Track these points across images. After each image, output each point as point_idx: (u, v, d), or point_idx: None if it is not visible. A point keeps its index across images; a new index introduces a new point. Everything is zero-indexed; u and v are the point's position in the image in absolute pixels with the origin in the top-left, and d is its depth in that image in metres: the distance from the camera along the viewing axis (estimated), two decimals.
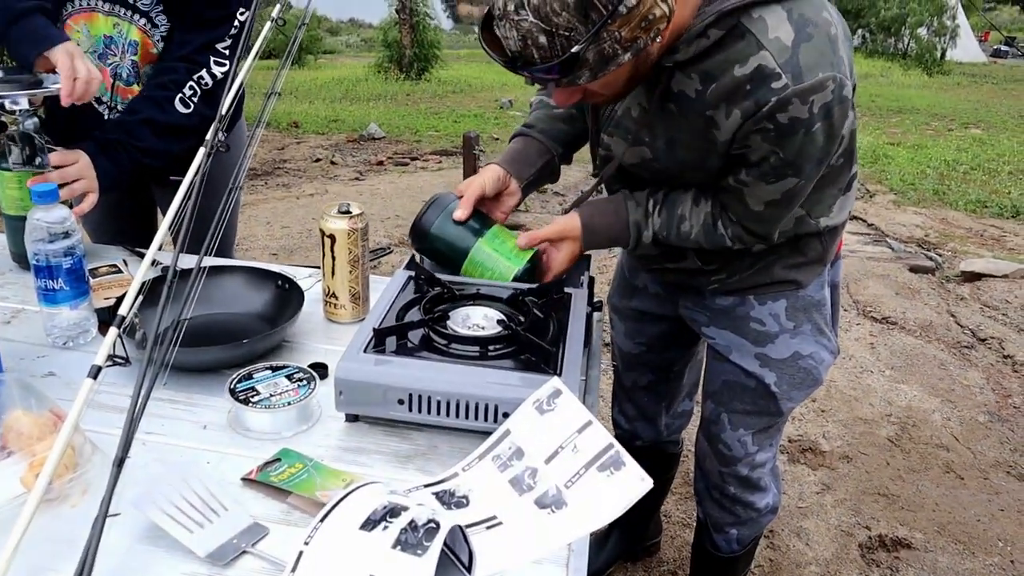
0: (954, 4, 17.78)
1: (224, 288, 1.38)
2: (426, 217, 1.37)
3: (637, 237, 1.35)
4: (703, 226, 1.30)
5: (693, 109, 1.18)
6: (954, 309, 3.97)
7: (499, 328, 1.14)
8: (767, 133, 1.12)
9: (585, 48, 0.99)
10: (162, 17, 1.66)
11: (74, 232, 1.26)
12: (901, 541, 2.28)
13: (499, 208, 1.44)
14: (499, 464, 1.00)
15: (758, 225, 1.27)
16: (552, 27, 0.98)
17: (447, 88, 12.33)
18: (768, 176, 1.18)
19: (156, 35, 1.67)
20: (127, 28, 1.66)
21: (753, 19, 1.09)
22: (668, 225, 1.33)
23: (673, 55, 1.14)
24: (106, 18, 1.64)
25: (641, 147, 1.29)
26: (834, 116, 1.12)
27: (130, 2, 1.63)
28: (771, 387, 1.48)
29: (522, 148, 1.48)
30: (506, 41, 1.04)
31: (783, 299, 1.44)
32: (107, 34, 1.66)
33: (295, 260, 4.33)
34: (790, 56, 1.08)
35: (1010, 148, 8.31)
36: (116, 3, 1.63)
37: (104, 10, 1.63)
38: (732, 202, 1.27)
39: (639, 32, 1.01)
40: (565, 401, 1.00)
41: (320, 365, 1.22)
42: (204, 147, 1.13)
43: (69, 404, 0.86)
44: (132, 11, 1.64)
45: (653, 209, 1.34)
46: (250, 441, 1.07)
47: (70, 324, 1.28)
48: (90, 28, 1.65)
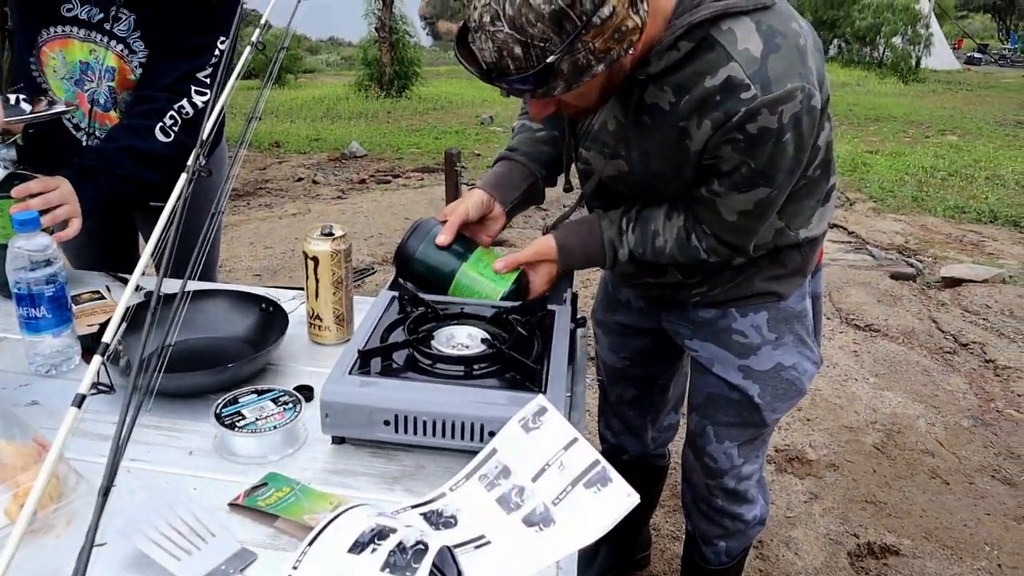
0: (927, 13, 18.05)
1: (208, 312, 1.38)
2: (409, 243, 1.37)
3: (613, 256, 1.37)
4: (677, 240, 1.32)
5: (667, 121, 1.20)
6: (935, 315, 4.01)
7: (483, 347, 1.15)
8: (737, 143, 1.14)
9: (560, 59, 1.01)
10: (140, 43, 1.66)
11: (56, 260, 1.26)
12: (889, 548, 2.29)
13: (483, 232, 1.45)
14: (486, 483, 1.00)
15: (732, 236, 1.28)
16: (527, 38, 1.00)
17: (428, 105, 12.37)
18: (740, 186, 1.19)
19: (134, 61, 1.67)
20: (104, 54, 1.66)
21: (722, 31, 1.11)
22: (643, 241, 1.34)
23: (645, 67, 1.16)
24: (82, 44, 1.65)
25: (618, 160, 1.31)
26: (803, 126, 1.13)
27: (106, 28, 1.63)
28: (754, 399, 1.49)
29: (506, 172, 1.49)
30: (481, 53, 1.05)
31: (764, 311, 1.45)
32: (83, 60, 1.66)
33: (279, 280, 4.31)
34: (759, 67, 1.10)
35: (986, 154, 8.43)
36: (92, 29, 1.63)
37: (80, 36, 1.64)
38: (705, 213, 1.28)
39: (612, 43, 1.03)
40: (550, 418, 1.00)
41: (306, 387, 1.22)
42: (185, 172, 1.13)
43: (53, 433, 0.85)
44: (109, 37, 1.64)
45: (627, 227, 1.35)
46: (236, 466, 1.07)
47: (53, 352, 1.27)
48: (66, 55, 1.65)
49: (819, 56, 1.18)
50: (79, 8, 1.62)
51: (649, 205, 1.35)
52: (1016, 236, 5.59)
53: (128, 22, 1.63)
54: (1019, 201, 6.45)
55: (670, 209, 1.33)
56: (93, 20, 1.62)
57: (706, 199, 1.25)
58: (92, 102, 1.70)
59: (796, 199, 1.34)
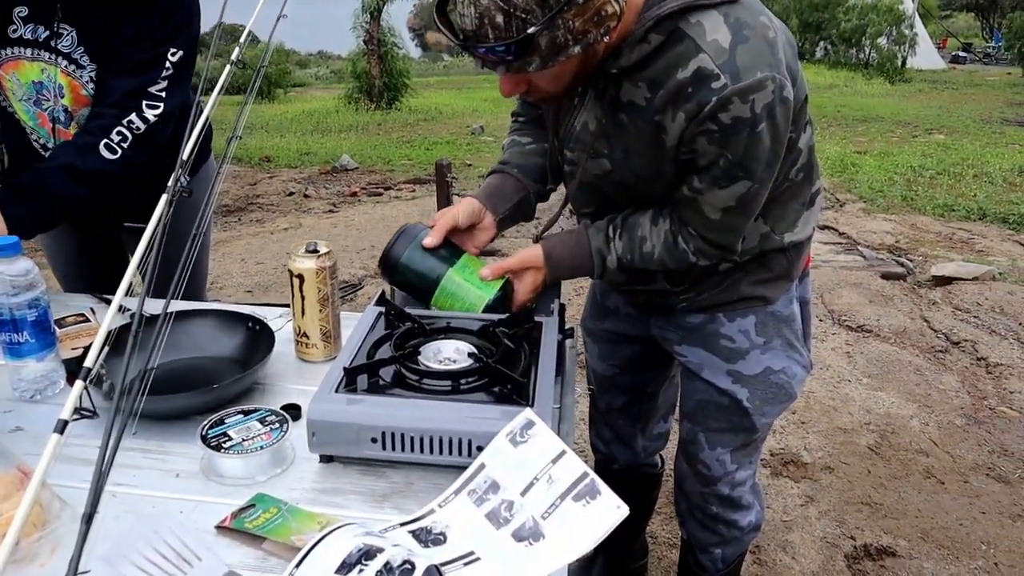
0: (911, 13, 18.18)
1: (193, 332, 1.37)
2: (395, 248, 1.37)
3: (601, 264, 1.37)
4: (664, 244, 1.32)
5: (643, 117, 1.20)
6: (927, 314, 4.02)
7: (470, 361, 1.14)
8: (712, 134, 1.14)
9: (539, 32, 1.02)
10: (86, 58, 1.64)
11: (38, 283, 1.25)
12: (886, 549, 2.29)
13: (472, 242, 1.44)
14: (475, 498, 0.99)
15: (718, 235, 1.28)
16: (510, 7, 1.01)
17: (418, 116, 12.38)
18: (720, 180, 1.19)
19: (83, 76, 1.65)
20: (53, 72, 1.64)
21: (691, 24, 1.13)
22: (630, 248, 1.34)
23: (617, 60, 1.17)
24: (31, 64, 1.63)
25: (600, 159, 1.31)
26: (777, 116, 1.14)
27: (52, 45, 1.62)
28: (743, 403, 1.49)
29: (498, 183, 1.50)
30: (462, 19, 1.06)
31: (752, 315, 1.45)
32: (36, 80, 1.65)
33: (270, 296, 4.30)
34: (728, 57, 1.10)
35: (973, 152, 8.47)
36: (39, 48, 1.62)
37: (28, 56, 1.63)
38: (689, 214, 1.28)
39: (591, 26, 1.04)
40: (538, 432, 1.00)
41: (293, 406, 1.21)
42: (167, 193, 1.13)
43: (37, 459, 0.84)
44: (55, 54, 1.63)
45: (614, 234, 1.35)
46: (224, 488, 1.06)
47: (37, 377, 1.26)
48: (19, 76, 1.65)
49: (791, 51, 1.19)
50: (23, 28, 1.60)
51: (635, 212, 1.35)
52: (1005, 233, 5.62)
53: (71, 37, 1.61)
54: (1007, 198, 6.48)
55: (656, 214, 1.33)
56: (39, 39, 1.61)
57: (689, 199, 1.25)
58: (53, 120, 1.70)
59: (780, 202, 1.35)
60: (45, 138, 1.72)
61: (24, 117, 1.71)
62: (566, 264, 1.39)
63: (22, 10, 1.59)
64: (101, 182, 1.61)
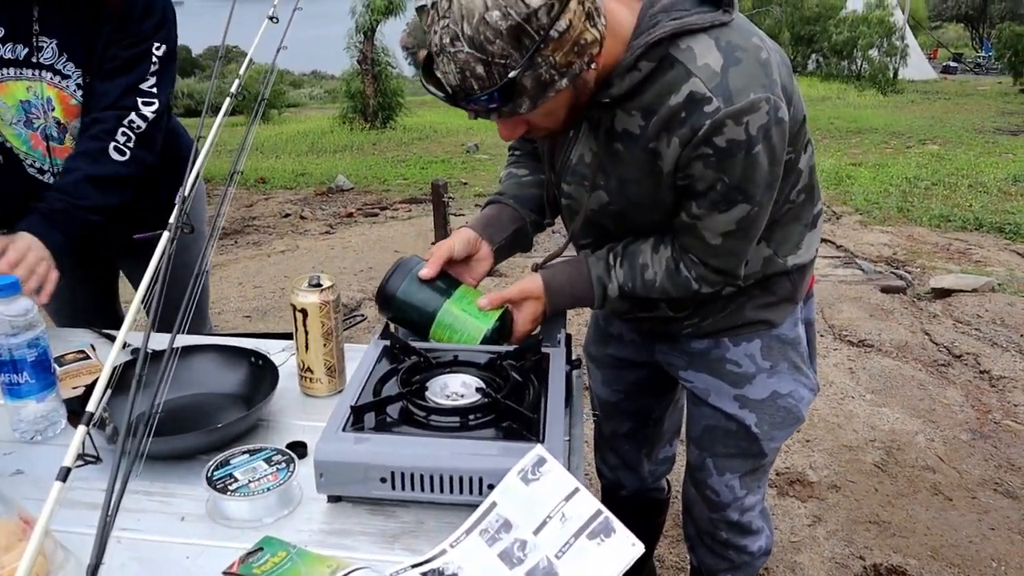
0: (902, 25, 18.29)
1: (195, 369, 1.35)
2: (391, 282, 1.36)
3: (602, 293, 1.35)
4: (666, 271, 1.30)
5: (638, 145, 1.20)
6: (928, 327, 4.01)
7: (478, 396, 1.13)
8: (708, 159, 1.13)
9: (521, 74, 1.02)
10: (70, 66, 1.63)
11: (38, 323, 1.23)
12: (896, 569, 2.27)
13: (469, 273, 1.43)
14: (487, 538, 0.97)
15: (720, 261, 1.27)
16: (488, 56, 1.00)
17: (413, 135, 12.40)
18: (719, 204, 1.18)
19: (70, 86, 1.64)
20: (39, 87, 1.63)
21: (681, 49, 1.12)
22: (632, 276, 1.33)
23: (609, 89, 1.16)
24: (16, 83, 1.62)
25: (598, 191, 1.30)
26: (773, 138, 1.13)
27: (34, 61, 1.61)
28: (752, 428, 1.47)
29: (494, 213, 1.48)
30: (446, 76, 1.06)
31: (757, 339, 1.44)
32: (23, 99, 1.63)
33: (269, 321, 4.28)
34: (720, 80, 1.10)
35: (967, 162, 8.50)
36: (21, 66, 1.61)
37: (12, 76, 1.61)
38: (690, 240, 1.27)
39: (573, 57, 1.04)
40: (550, 469, 0.98)
41: (299, 444, 1.19)
42: (168, 230, 1.11)
43: (39, 504, 0.82)
44: (38, 68, 1.61)
45: (614, 262, 1.34)
46: (230, 531, 1.04)
47: (37, 417, 1.24)
48: (5, 98, 1.63)
49: (786, 71, 1.19)
50: (2, 49, 1.59)
51: (636, 240, 1.34)
52: (1002, 242, 5.62)
53: (51, 48, 1.60)
54: (1003, 207, 6.50)
55: (656, 242, 1.32)
56: (20, 57, 1.60)
57: (688, 225, 1.24)
58: (47, 138, 1.68)
59: (782, 224, 1.34)
60: (40, 160, 1.70)
61: (16, 143, 1.69)
62: (566, 293, 1.38)
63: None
64: (120, 185, 1.64)
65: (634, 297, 1.35)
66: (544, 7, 0.98)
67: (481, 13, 0.98)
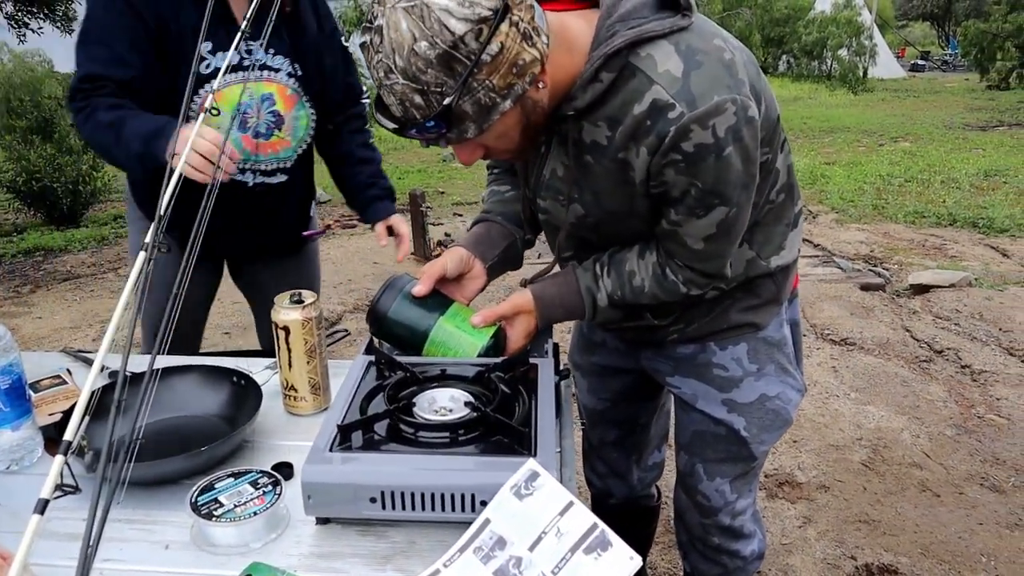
0: (869, 24, 18.54)
1: (176, 390, 1.32)
2: (382, 301, 1.33)
3: (592, 303, 1.34)
4: (653, 276, 1.29)
5: (607, 156, 1.18)
6: (908, 324, 4.04)
7: (467, 410, 1.11)
8: (677, 164, 1.12)
9: (458, 99, 1.00)
10: (278, 59, 1.76)
11: (12, 348, 1.19)
12: (887, 568, 2.26)
13: (461, 292, 1.41)
14: (481, 556, 0.95)
15: (705, 264, 1.26)
16: (422, 85, 1.00)
17: (389, 146, 12.32)
18: (696, 210, 1.17)
19: (282, 77, 1.77)
20: (255, 87, 1.74)
21: (641, 57, 1.11)
22: (619, 284, 1.31)
23: (572, 102, 1.15)
24: (229, 90, 1.69)
25: (574, 205, 1.28)
26: (744, 138, 1.12)
27: (245, 64, 1.71)
28: (740, 432, 1.46)
29: (484, 231, 1.47)
30: (390, 108, 1.06)
31: (743, 342, 1.43)
32: (240, 102, 1.71)
33: (249, 337, 4.22)
34: (682, 85, 1.08)
35: (939, 158, 8.61)
36: (234, 71, 1.68)
37: (223, 84, 1.64)
38: (673, 246, 1.25)
39: (513, 78, 1.02)
40: (544, 483, 0.97)
41: (285, 464, 1.17)
42: (144, 250, 1.09)
43: (15, 537, 0.79)
44: (249, 69, 1.72)
45: (601, 271, 1.33)
46: (217, 558, 1.01)
47: (13, 446, 1.21)
48: (223, 105, 1.65)
49: (754, 70, 1.17)
50: (214, 60, 1.67)
51: (621, 248, 1.33)
52: (976, 237, 5.69)
53: (259, 49, 1.71)
54: (976, 202, 6.57)
55: (642, 248, 1.31)
56: (233, 63, 1.64)
57: (669, 232, 1.23)
58: (256, 135, 1.78)
59: (764, 224, 1.33)
60: (245, 158, 1.79)
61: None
62: (557, 305, 1.36)
63: (206, 45, 1.64)
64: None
65: (624, 305, 1.34)
66: (471, 32, 0.97)
67: (410, 45, 0.97)
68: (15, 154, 6.89)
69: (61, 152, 7.05)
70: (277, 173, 1.87)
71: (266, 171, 1.84)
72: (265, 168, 1.84)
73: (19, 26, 9.27)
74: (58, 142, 7.19)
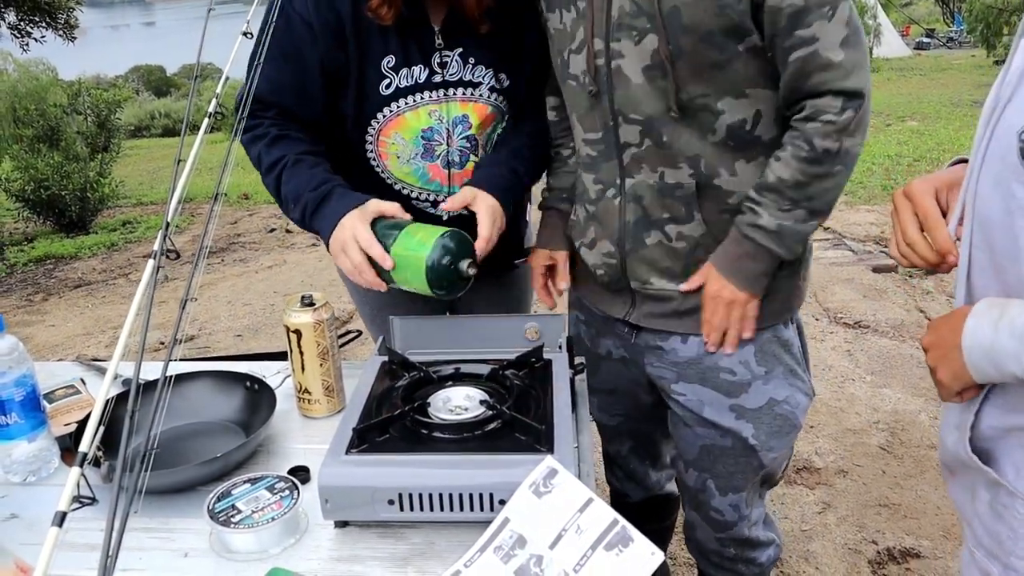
0: (873, 3, 18.39)
1: (190, 397, 1.32)
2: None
3: (767, 233, 1.27)
4: (801, 157, 1.21)
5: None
6: (922, 304, 4.01)
7: (482, 409, 1.10)
8: None
9: None
10: (479, 70, 1.43)
11: (25, 360, 1.19)
12: (909, 551, 2.25)
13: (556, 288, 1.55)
14: (502, 555, 0.95)
15: (855, 78, 1.17)
16: None
17: None
18: (823, 8, 1.12)
19: (483, 93, 1.45)
20: (444, 109, 1.44)
21: None
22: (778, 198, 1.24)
23: None
24: (415, 113, 1.43)
25: (649, 35, 1.19)
26: None
27: (436, 81, 1.41)
28: (749, 440, 1.41)
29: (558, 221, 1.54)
30: None
31: (751, 344, 1.37)
32: (424, 128, 1.44)
33: (261, 339, 4.24)
34: None
35: (947, 136, 8.52)
36: (420, 91, 1.41)
37: (410, 106, 1.42)
38: (819, 77, 1.16)
39: None
40: (562, 480, 0.96)
41: (301, 468, 1.16)
42: (152, 258, 1.08)
43: (34, 549, 0.79)
44: (443, 88, 1.42)
45: (754, 203, 1.26)
46: (236, 564, 1.00)
47: (29, 457, 1.21)
48: (403, 134, 1.45)
49: None
50: (397, 78, 1.40)
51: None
52: None
53: (455, 60, 1.42)
54: None
55: (766, 154, 1.25)
56: (419, 81, 1.41)
57: (806, 58, 1.15)
58: (448, 165, 1.49)
59: None
60: (436, 191, 1.52)
61: (410, 180, 1.51)
62: (735, 257, 1.29)
63: (389, 60, 1.39)
64: None
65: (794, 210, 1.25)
66: None
67: None
68: (23, 163, 6.92)
69: (68, 159, 7.08)
70: None
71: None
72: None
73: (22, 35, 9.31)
74: (65, 150, 7.21)
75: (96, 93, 8.31)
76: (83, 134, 7.72)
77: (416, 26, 1.37)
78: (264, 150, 1.43)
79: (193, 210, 7.39)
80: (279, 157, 1.40)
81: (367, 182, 1.50)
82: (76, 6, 9.67)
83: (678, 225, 1.32)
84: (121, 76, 22.34)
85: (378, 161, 1.49)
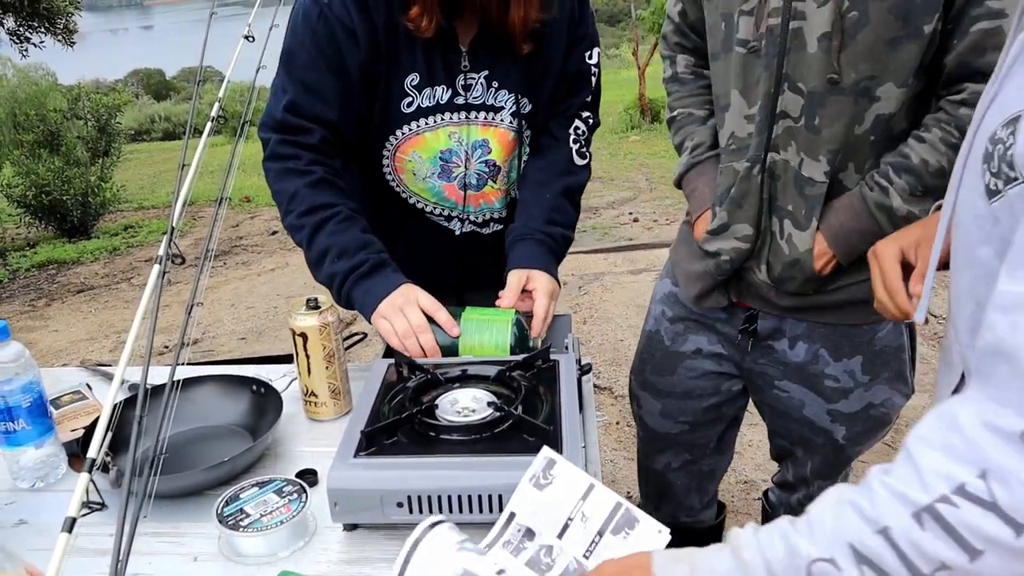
0: None
1: (196, 401, 1.31)
2: None
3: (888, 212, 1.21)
4: (949, 144, 1.14)
5: None
6: None
7: (490, 410, 1.10)
8: None
9: None
10: (502, 94, 1.41)
11: (31, 366, 1.19)
12: None
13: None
14: (511, 549, 0.94)
15: None
16: None
17: None
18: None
19: (504, 119, 1.43)
20: (465, 132, 1.42)
21: None
22: (913, 180, 1.18)
23: None
24: (435, 133, 1.42)
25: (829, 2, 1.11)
26: None
27: (459, 103, 1.40)
28: (839, 440, 1.45)
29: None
30: None
31: (859, 356, 1.36)
32: (443, 149, 1.43)
33: (265, 342, 4.24)
34: None
35: None
36: (442, 112, 1.40)
37: (430, 126, 1.41)
38: (987, 59, 1.08)
39: None
40: (562, 469, 0.95)
41: (309, 471, 1.16)
42: (157, 263, 1.08)
43: (44, 555, 0.79)
44: (466, 111, 1.41)
45: (887, 181, 1.20)
46: (246, 568, 1.00)
47: (37, 463, 1.21)
48: (421, 152, 1.44)
49: None
50: (419, 97, 1.38)
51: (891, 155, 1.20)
52: None
53: (479, 83, 1.39)
54: None
55: (916, 135, 1.18)
56: (442, 101, 1.39)
57: (990, 30, 1.07)
58: (464, 187, 1.49)
59: None
60: (451, 208, 1.53)
61: (425, 196, 1.52)
62: (848, 231, 1.24)
63: (413, 78, 1.37)
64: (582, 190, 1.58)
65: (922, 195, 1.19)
66: None
67: None
68: (23, 168, 6.93)
69: (69, 164, 7.09)
70: (490, 224, 1.57)
71: (477, 222, 1.57)
72: (475, 219, 1.56)
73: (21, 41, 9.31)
74: (65, 155, 7.22)
75: (96, 97, 8.32)
76: (83, 139, 7.73)
77: (444, 44, 1.35)
78: (306, 191, 1.37)
79: (195, 213, 7.40)
80: (326, 203, 1.36)
81: (379, 194, 1.51)
82: (75, 11, 9.67)
83: (793, 226, 1.26)
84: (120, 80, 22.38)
85: (393, 175, 1.49)
